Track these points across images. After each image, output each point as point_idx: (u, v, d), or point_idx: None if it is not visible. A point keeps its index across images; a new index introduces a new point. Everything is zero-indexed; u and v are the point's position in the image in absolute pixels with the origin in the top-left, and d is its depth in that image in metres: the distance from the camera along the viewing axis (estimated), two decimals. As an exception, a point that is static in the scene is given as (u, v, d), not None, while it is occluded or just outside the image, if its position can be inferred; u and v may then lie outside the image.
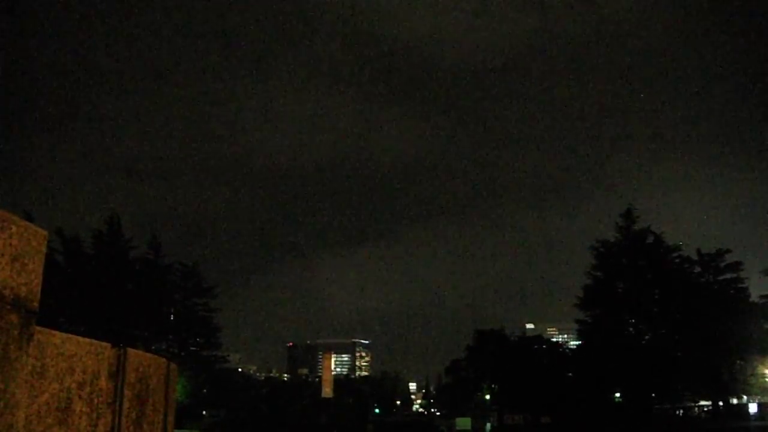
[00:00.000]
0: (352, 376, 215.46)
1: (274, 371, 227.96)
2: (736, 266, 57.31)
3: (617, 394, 64.20)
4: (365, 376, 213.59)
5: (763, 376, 54.31)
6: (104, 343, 3.50)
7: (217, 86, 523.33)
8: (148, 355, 4.32)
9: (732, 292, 56.81)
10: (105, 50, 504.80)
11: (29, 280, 2.44)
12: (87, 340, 3.31)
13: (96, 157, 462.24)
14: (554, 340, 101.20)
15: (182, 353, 59.94)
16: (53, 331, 2.95)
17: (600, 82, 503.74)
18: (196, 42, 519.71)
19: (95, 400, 3.32)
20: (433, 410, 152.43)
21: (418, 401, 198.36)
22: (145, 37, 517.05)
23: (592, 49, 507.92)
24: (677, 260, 58.76)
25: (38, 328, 2.64)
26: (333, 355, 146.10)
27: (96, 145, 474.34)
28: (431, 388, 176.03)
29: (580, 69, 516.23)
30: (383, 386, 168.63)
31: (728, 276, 57.57)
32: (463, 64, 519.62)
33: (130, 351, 3.82)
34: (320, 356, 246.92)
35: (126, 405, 3.70)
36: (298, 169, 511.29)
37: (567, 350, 75.73)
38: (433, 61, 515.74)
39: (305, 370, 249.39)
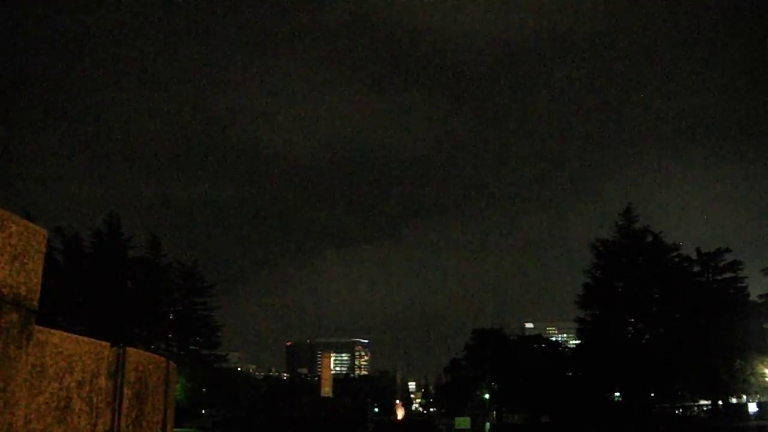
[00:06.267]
0: (352, 376, 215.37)
1: (273, 370, 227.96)
2: (735, 265, 57.30)
3: (617, 393, 64.18)
4: (364, 376, 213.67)
5: (763, 375, 54.28)
6: (103, 342, 3.50)
7: (220, 81, 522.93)
8: (148, 354, 4.32)
9: (731, 291, 56.81)
10: (104, 46, 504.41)
11: (29, 279, 2.44)
12: (86, 339, 3.31)
13: (96, 155, 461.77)
14: (554, 339, 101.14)
15: (182, 352, 60.01)
16: (53, 330, 2.95)
17: (603, 81, 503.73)
18: (198, 35, 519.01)
19: (94, 399, 3.32)
20: (432, 409, 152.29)
21: (418, 400, 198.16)
22: (144, 31, 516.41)
23: (594, 49, 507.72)
24: (676, 259, 58.80)
25: (38, 327, 2.64)
26: (332, 355, 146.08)
27: (95, 143, 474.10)
28: (430, 388, 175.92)
29: (583, 68, 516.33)
30: (382, 385, 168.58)
31: (727, 275, 57.58)
32: (471, 55, 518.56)
33: (130, 350, 3.81)
34: (319, 355, 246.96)
35: (125, 404, 3.70)
36: (299, 166, 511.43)
37: (566, 349, 75.62)
38: (442, 52, 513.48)
39: (304, 370, 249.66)
